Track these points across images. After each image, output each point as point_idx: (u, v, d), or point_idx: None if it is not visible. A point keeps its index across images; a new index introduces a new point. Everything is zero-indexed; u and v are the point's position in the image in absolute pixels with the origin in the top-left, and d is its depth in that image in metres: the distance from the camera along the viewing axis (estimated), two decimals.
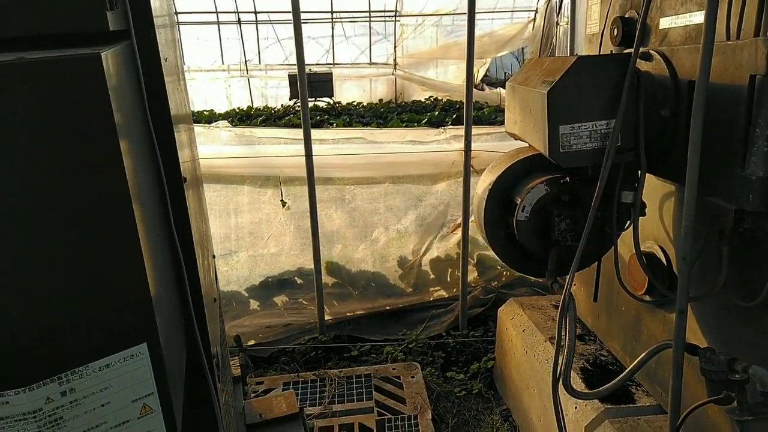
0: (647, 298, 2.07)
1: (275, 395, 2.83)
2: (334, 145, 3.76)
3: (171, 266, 1.49)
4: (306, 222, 3.51)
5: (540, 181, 1.93)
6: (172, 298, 1.50)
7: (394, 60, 13.10)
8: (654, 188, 2.05)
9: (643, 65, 1.93)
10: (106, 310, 1.13)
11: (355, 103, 12.57)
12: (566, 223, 1.86)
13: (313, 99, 11.96)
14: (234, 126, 5.28)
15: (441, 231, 3.85)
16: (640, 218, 2.01)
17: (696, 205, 1.56)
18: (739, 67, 1.49)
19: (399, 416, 2.76)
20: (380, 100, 13.12)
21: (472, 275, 3.87)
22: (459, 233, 3.71)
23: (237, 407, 2.70)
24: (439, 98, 12.05)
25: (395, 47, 13.00)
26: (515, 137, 2.18)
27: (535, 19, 11.11)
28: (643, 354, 1.75)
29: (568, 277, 1.80)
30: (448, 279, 3.82)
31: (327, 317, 3.59)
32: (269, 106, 12.30)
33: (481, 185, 2.18)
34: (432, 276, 3.83)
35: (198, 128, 4.04)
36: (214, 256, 2.73)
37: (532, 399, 2.63)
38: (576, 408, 2.23)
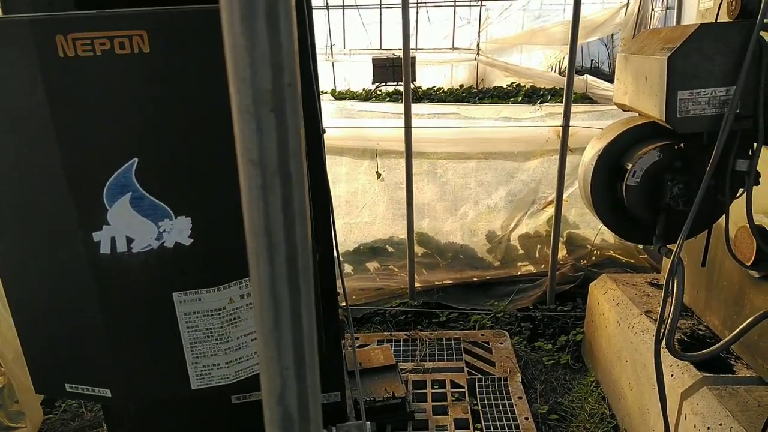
0: (753, 270, 2.07)
1: (372, 348, 3.03)
2: (429, 119, 3.89)
3: (312, 205, 1.69)
4: (398, 193, 3.67)
5: (653, 147, 1.97)
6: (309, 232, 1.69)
7: (477, 45, 13.01)
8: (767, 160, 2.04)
9: (765, 36, 1.92)
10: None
11: (435, 88, 12.61)
12: (678, 189, 1.90)
13: (395, 83, 12.13)
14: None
15: (531, 208, 3.91)
16: (754, 189, 2.01)
17: None
18: None
19: (489, 377, 2.88)
20: (461, 86, 13.09)
21: (561, 253, 3.90)
22: (550, 210, 3.75)
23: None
24: (522, 84, 11.87)
25: (479, 32, 12.91)
26: (624, 108, 2.23)
27: (628, 4, 10.67)
28: (749, 320, 1.78)
29: (678, 240, 1.85)
30: (537, 255, 3.88)
31: (416, 284, 3.75)
32: (351, 90, 12.58)
33: (589, 152, 2.24)
34: (520, 251, 3.90)
35: None
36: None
37: (624, 370, 2.67)
38: (672, 375, 2.26)
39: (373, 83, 12.28)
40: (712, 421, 1.98)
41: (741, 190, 1.94)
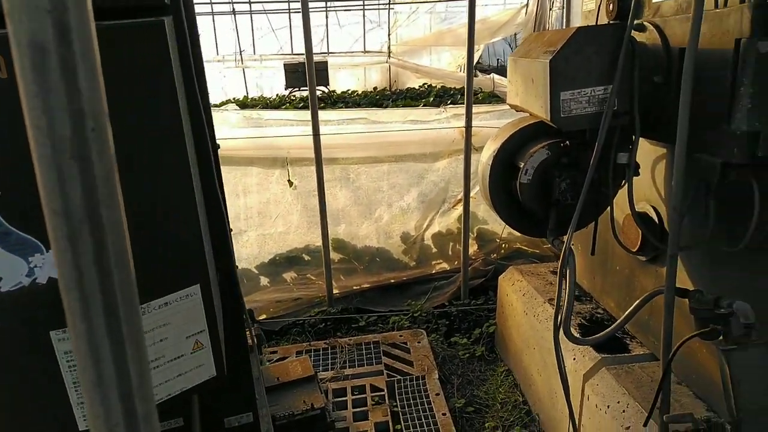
0: (640, 255, 2.23)
1: (290, 360, 2.98)
2: (338, 126, 3.89)
3: (209, 225, 1.63)
4: (312, 201, 3.65)
5: (542, 145, 2.08)
6: (210, 252, 1.64)
7: (388, 48, 13.18)
8: (647, 152, 2.21)
9: (637, 36, 2.07)
10: (167, 252, 1.27)
11: (350, 92, 12.66)
12: (566, 184, 2.01)
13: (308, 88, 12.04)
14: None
15: (442, 207, 4.00)
16: (635, 179, 2.17)
17: (685, 157, 1.72)
18: (726, 33, 1.64)
19: (408, 377, 2.92)
20: (375, 88, 13.21)
21: (473, 248, 4.02)
22: (460, 208, 3.86)
23: (254, 374, 2.86)
24: (433, 85, 12.15)
25: (389, 35, 13.08)
26: (517, 109, 2.33)
27: (527, 5, 11.20)
28: (638, 300, 1.91)
29: (568, 232, 1.95)
30: (450, 252, 3.98)
31: (334, 291, 3.73)
32: (264, 96, 12.36)
33: (486, 153, 2.32)
34: (434, 250, 3.98)
35: None
36: (231, 230, 2.87)
37: (533, 357, 2.79)
38: (575, 359, 2.39)
39: (286, 89, 12.14)
40: (611, 399, 2.11)
41: (623, 181, 2.08)
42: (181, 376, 1.40)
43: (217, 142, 3.72)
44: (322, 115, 4.00)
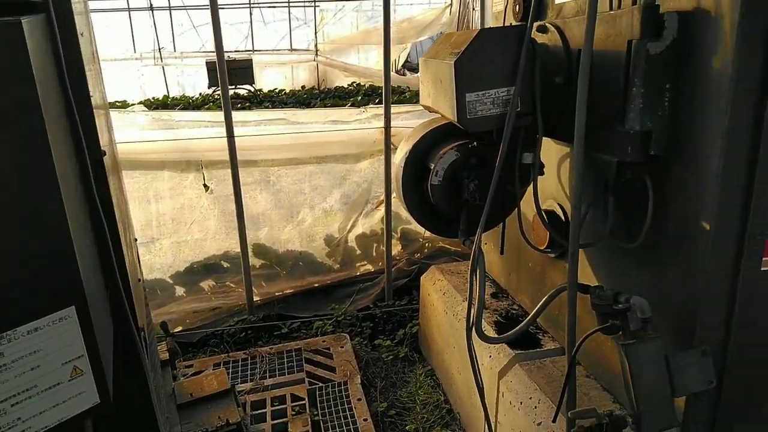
0: (549, 251, 2.28)
1: (206, 374, 2.84)
2: (257, 127, 3.77)
3: (94, 238, 1.50)
4: (230, 206, 3.51)
5: (451, 147, 2.08)
6: (97, 268, 1.51)
7: (315, 46, 13.04)
8: (553, 151, 2.25)
9: (540, 37, 2.11)
10: (33, 273, 1.15)
11: (277, 90, 12.43)
12: (474, 185, 2.01)
13: (234, 87, 11.72)
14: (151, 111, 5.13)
15: (365, 208, 3.97)
16: (541, 178, 2.21)
17: (584, 159, 1.76)
18: (619, 34, 1.68)
19: (330, 383, 2.86)
20: (303, 87, 13.04)
21: (397, 248, 4.02)
22: (383, 209, 3.83)
23: (167, 390, 2.70)
24: (362, 83, 12.14)
25: (315, 33, 12.94)
26: (429, 110, 2.31)
27: (451, 5, 11.39)
28: (545, 298, 1.95)
29: (477, 232, 1.96)
30: (374, 253, 3.95)
31: (256, 298, 3.62)
32: (186, 95, 11.91)
33: (398, 155, 2.30)
34: (358, 252, 3.94)
35: (112, 113, 3.92)
36: (135, 239, 2.71)
37: (453, 356, 2.81)
38: (491, 357, 2.42)
39: (209, 87, 11.75)
40: (523, 395, 2.15)
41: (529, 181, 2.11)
42: (58, 406, 1.28)
43: (123, 145, 3.51)
44: (239, 116, 3.87)
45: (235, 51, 13.40)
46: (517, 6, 2.34)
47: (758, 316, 1.59)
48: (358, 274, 3.89)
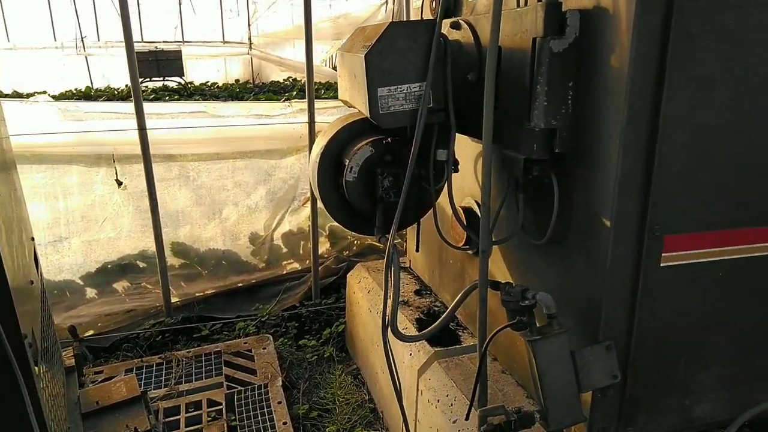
0: (467, 248, 2.28)
1: (114, 381, 2.68)
2: (174, 120, 3.60)
3: None
4: (146, 202, 3.33)
5: (365, 142, 2.03)
6: None
7: (249, 39, 12.71)
8: (470, 148, 2.25)
9: (454, 33, 2.09)
10: None
11: (209, 84, 12.02)
12: (389, 181, 1.97)
13: (161, 78, 11.26)
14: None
15: (292, 205, 3.87)
16: (459, 175, 2.20)
17: (495, 156, 1.75)
18: (525, 32, 1.68)
19: (249, 387, 2.76)
20: (237, 81, 12.68)
21: (325, 246, 3.95)
22: (310, 205, 3.75)
23: (71, 398, 2.53)
24: (298, 79, 11.93)
25: (249, 25, 12.61)
26: (347, 104, 2.26)
27: (387, 2, 11.37)
28: (459, 295, 1.94)
29: (391, 230, 1.92)
30: (301, 251, 3.86)
31: (174, 299, 3.45)
32: (111, 86, 11.32)
33: (315, 149, 2.23)
34: (285, 250, 3.84)
35: (11, 104, 3.63)
36: (32, 239, 2.51)
37: (377, 354, 2.77)
38: (411, 355, 2.40)
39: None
40: (441, 393, 2.13)
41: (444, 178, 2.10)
42: None
43: (21, 138, 3.26)
44: (155, 107, 3.68)
45: (164, 42, 12.88)
46: (434, 2, 2.32)
47: (658, 312, 1.63)
48: (284, 273, 3.79)
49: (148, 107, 3.29)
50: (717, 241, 1.60)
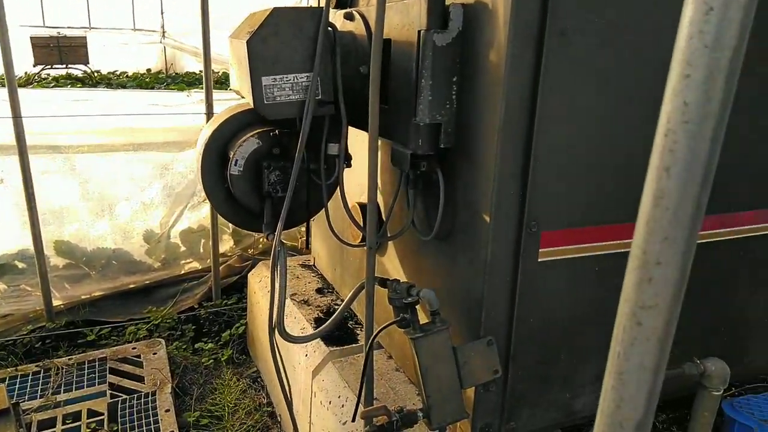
0: (364, 245, 2.23)
1: None
2: (59, 108, 3.31)
3: None
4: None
5: (252, 134, 1.93)
6: None
7: (162, 27, 12.10)
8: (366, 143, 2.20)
9: (348, 24, 2.03)
10: None
11: (118, 73, 11.35)
12: (276, 175, 1.89)
13: (64, 66, 10.50)
14: None
15: (192, 200, 3.68)
16: (358, 171, 2.15)
17: (377, 148, 1.71)
18: (411, 24, 1.65)
19: (135, 395, 2.58)
20: (148, 70, 12.06)
21: (228, 244, 3.79)
22: None
23: None
24: (215, 70, 11.49)
25: (162, 13, 12.01)
26: (238, 93, 2.14)
27: None
28: (350, 294, 1.88)
29: (277, 227, 1.83)
30: (201, 250, 3.68)
31: (57, 302, 3.18)
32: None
33: (200, 140, 2.11)
34: (183, 248, 3.65)
35: None
36: None
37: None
38: (306, 356, 2.32)
39: (35, 66, 10.39)
40: (333, 394, 2.08)
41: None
42: None
43: None
44: (37, 94, 3.38)
45: (68, 27, 12.02)
46: None
47: (537, 307, 1.65)
48: (183, 272, 3.60)
49: (25, 94, 3.01)
50: (592, 237, 1.64)
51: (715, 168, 0.51)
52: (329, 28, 1.83)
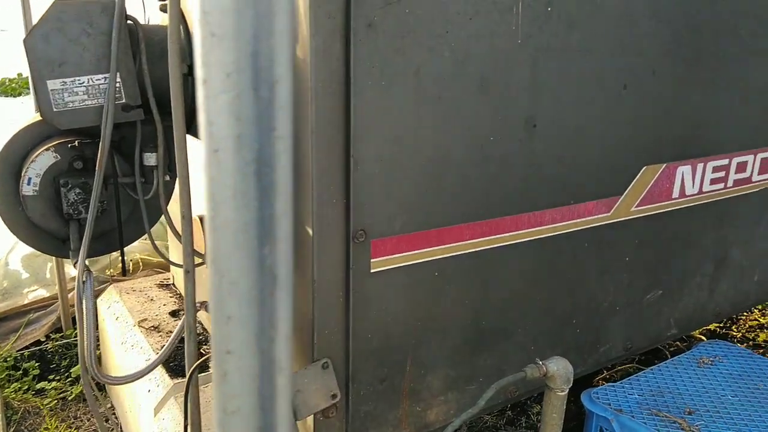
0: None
1: None
2: None
3: None
4: None
5: (48, 146, 1.66)
6: None
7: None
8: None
9: (165, 17, 1.81)
10: None
11: None
12: (75, 194, 1.64)
13: None
14: None
15: None
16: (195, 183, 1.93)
17: (186, 156, 1.52)
18: None
19: None
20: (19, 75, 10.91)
21: None
22: None
23: None
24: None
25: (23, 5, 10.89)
26: None
27: None
28: (180, 321, 1.68)
29: (80, 252, 1.59)
30: (48, 275, 3.28)
31: None
32: None
33: None
34: (26, 275, 3.23)
35: None
36: None
37: (125, 391, 2.40)
38: (150, 391, 2.08)
39: None
40: None
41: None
42: None
43: None
44: None
45: None
46: None
47: (374, 319, 1.53)
48: (26, 302, 3.19)
49: None
50: (426, 242, 1.54)
51: None
52: (129, 22, 1.61)
